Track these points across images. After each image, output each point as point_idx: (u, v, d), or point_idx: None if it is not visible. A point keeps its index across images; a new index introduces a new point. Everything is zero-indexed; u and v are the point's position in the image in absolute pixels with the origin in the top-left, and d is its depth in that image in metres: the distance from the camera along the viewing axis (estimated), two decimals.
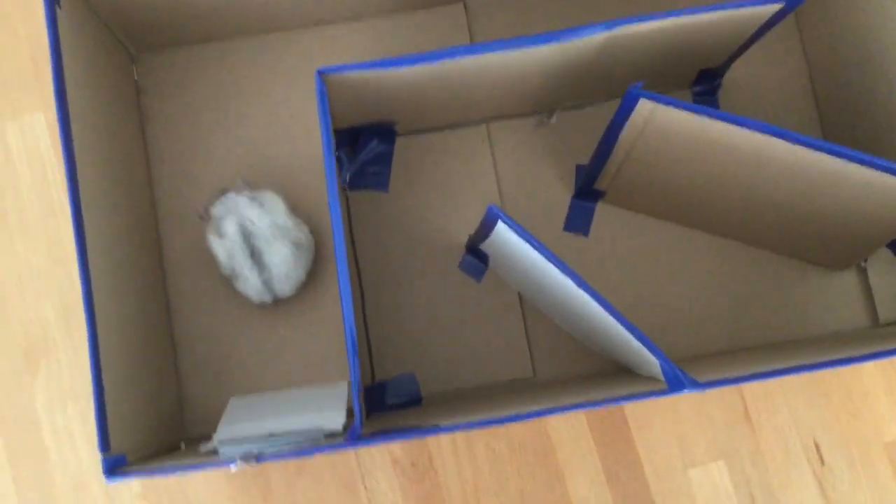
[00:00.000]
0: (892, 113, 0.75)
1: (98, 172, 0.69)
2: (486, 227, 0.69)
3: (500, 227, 0.65)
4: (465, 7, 0.86)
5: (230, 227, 0.76)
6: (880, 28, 0.74)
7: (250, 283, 0.77)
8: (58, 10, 0.65)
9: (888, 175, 0.65)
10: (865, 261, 0.83)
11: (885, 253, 0.82)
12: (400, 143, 0.84)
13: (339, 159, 0.82)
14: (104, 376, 0.64)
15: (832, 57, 0.83)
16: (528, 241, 0.62)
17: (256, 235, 0.76)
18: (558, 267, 0.62)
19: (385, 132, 0.83)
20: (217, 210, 0.77)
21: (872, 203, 0.70)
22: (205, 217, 0.77)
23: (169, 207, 0.83)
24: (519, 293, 0.82)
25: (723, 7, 0.67)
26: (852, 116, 0.81)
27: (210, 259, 0.78)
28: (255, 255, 0.76)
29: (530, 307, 0.82)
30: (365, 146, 0.83)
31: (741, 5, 0.67)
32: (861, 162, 0.65)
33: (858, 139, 0.81)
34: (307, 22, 0.84)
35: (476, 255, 0.82)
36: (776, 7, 0.69)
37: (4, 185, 0.83)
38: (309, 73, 0.83)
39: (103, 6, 0.73)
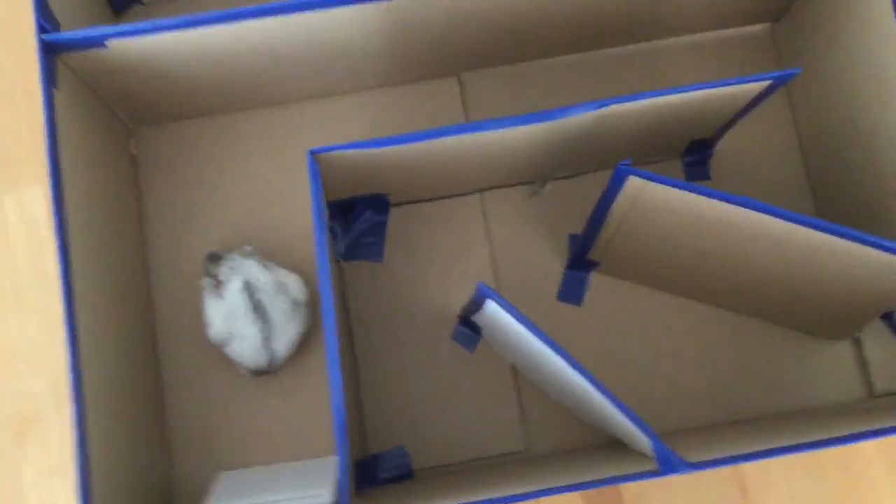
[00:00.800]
0: (882, 188, 0.76)
1: (92, 246, 0.70)
2: (476, 303, 0.69)
3: (490, 304, 0.65)
4: (459, 81, 0.87)
5: (234, 286, 0.76)
6: (870, 103, 0.75)
7: (248, 342, 0.77)
8: (55, 91, 0.66)
9: (880, 251, 0.65)
10: (860, 332, 0.82)
11: (880, 324, 0.81)
12: (394, 213, 0.85)
13: (332, 231, 0.83)
14: (90, 453, 0.63)
15: (822, 130, 0.83)
16: (518, 319, 0.62)
17: (260, 290, 0.77)
18: (549, 345, 0.62)
19: (379, 203, 0.83)
20: (223, 272, 0.77)
21: (865, 277, 0.70)
22: (212, 278, 0.77)
23: (163, 280, 0.83)
24: (512, 365, 0.82)
25: (711, 85, 0.68)
26: (844, 189, 0.82)
27: (203, 338, 0.78)
28: (258, 309, 0.76)
29: (524, 379, 0.82)
30: (359, 217, 0.83)
31: (729, 83, 0.68)
32: (852, 238, 0.65)
33: (850, 211, 0.81)
34: (303, 96, 0.85)
35: (469, 326, 0.82)
36: (764, 84, 0.70)
37: (1, 259, 0.83)
38: (304, 146, 0.84)
39: (101, 85, 0.74)
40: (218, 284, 0.77)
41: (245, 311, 0.76)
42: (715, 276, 0.78)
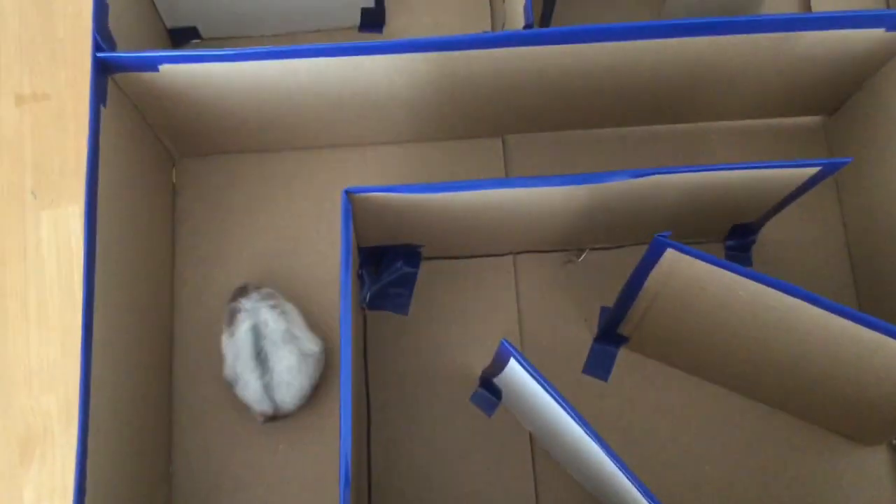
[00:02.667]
0: None
1: (118, 268, 0.70)
2: (498, 363, 0.67)
3: (513, 364, 0.63)
4: (503, 142, 0.87)
5: (243, 326, 0.75)
6: None
7: (250, 388, 0.75)
8: (102, 109, 0.66)
9: None
10: None
11: None
12: (424, 266, 0.84)
13: (360, 277, 0.82)
14: (88, 479, 0.61)
15: (870, 227, 0.81)
16: (540, 382, 0.60)
17: (266, 337, 0.75)
18: (571, 415, 0.59)
19: (411, 255, 0.82)
20: (238, 308, 0.76)
21: None
22: (229, 312, 0.77)
23: (187, 312, 0.82)
24: (530, 433, 0.79)
25: (759, 166, 0.67)
26: (889, 289, 0.79)
27: (219, 369, 0.77)
28: (260, 356, 0.75)
29: (541, 450, 0.79)
30: (389, 266, 0.82)
31: (778, 165, 0.67)
32: (893, 335, 0.62)
33: (894, 310, 0.78)
34: (346, 142, 0.85)
35: (489, 389, 0.79)
36: (813, 170, 0.68)
37: (30, 273, 0.83)
38: (340, 191, 0.85)
39: (150, 109, 0.75)
40: (231, 321, 0.76)
41: (248, 356, 0.75)
42: (748, 364, 0.75)
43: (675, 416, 0.80)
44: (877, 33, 0.72)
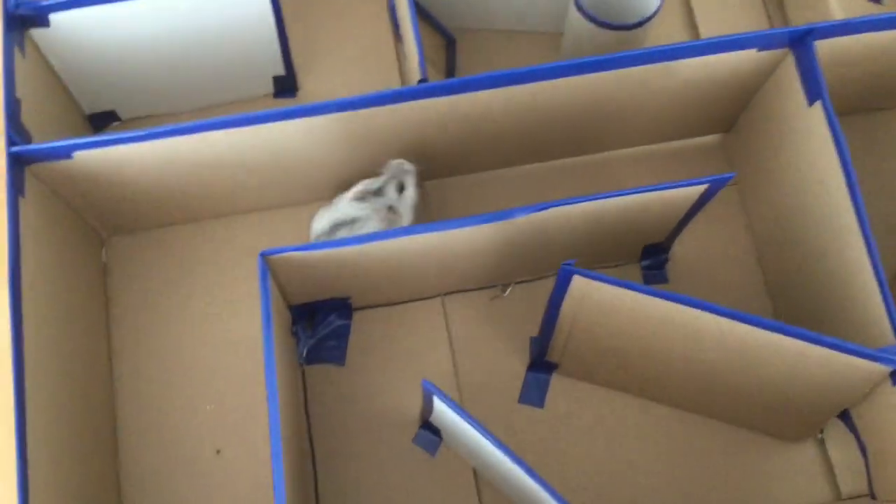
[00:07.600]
0: (833, 287, 0.77)
1: (52, 350, 0.71)
2: (426, 403, 0.70)
3: (437, 402, 0.65)
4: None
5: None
6: (815, 205, 0.78)
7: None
8: (21, 199, 0.69)
9: (829, 350, 0.66)
10: (822, 432, 0.82)
11: (841, 426, 0.81)
12: (356, 317, 0.87)
13: (296, 334, 0.84)
14: None
15: (775, 233, 0.86)
16: (460, 414, 0.62)
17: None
18: (491, 441, 0.62)
19: (341, 307, 0.85)
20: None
21: (815, 374, 0.70)
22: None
23: (127, 385, 0.84)
24: (474, 468, 0.82)
25: (649, 189, 0.71)
26: (798, 289, 0.83)
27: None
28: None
29: (486, 483, 0.81)
30: (323, 321, 0.85)
31: (666, 187, 0.71)
32: (798, 337, 0.66)
33: (806, 311, 0.82)
34: (272, 205, 0.88)
35: (430, 429, 0.82)
36: (701, 188, 0.72)
37: None
38: None
39: (71, 195, 0.78)
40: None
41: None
42: (672, 377, 0.79)
43: (610, 434, 0.83)
44: (751, 54, 0.77)
